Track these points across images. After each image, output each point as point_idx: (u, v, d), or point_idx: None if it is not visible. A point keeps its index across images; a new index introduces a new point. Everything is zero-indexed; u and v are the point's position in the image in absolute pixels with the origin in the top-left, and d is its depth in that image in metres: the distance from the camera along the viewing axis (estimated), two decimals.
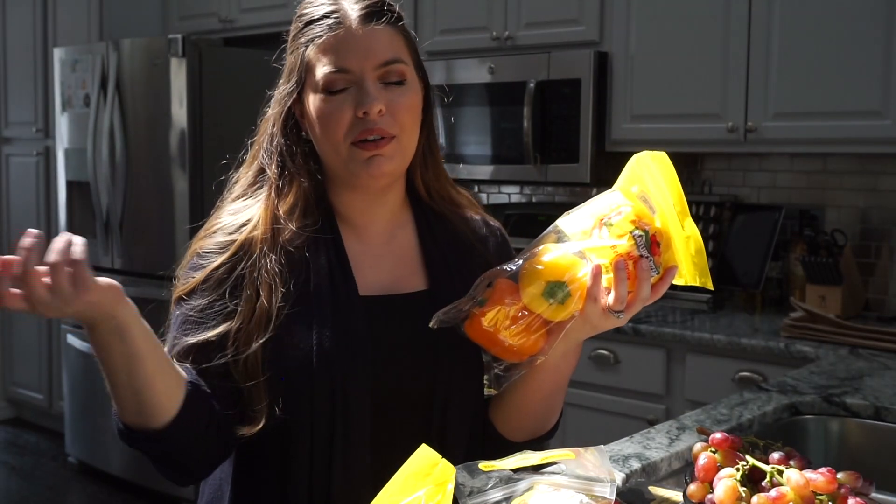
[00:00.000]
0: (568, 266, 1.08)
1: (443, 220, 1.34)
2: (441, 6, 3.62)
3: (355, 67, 1.18)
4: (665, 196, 1.08)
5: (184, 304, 1.22)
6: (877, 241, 3.05)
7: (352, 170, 1.21)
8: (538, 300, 1.07)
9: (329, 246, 1.24)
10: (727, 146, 3.02)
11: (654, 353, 2.83)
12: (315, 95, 1.20)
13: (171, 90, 3.78)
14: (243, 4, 4.23)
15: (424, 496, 0.94)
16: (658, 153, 1.11)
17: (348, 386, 1.18)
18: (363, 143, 1.19)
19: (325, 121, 1.20)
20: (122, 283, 1.08)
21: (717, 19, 2.97)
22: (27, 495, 4.13)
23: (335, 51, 1.19)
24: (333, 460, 1.19)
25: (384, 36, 1.21)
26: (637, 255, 1.07)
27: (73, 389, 4.31)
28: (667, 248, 1.08)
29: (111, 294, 1.02)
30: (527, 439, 1.32)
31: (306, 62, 1.21)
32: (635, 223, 1.08)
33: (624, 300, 1.08)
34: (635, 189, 1.10)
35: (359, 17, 1.20)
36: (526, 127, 3.28)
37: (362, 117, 1.18)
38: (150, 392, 1.09)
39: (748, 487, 1.07)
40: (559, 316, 1.08)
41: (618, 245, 1.07)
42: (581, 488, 1.02)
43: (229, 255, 1.21)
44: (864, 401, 1.92)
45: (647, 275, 1.07)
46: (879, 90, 2.69)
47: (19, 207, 4.96)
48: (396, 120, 1.20)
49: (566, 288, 1.07)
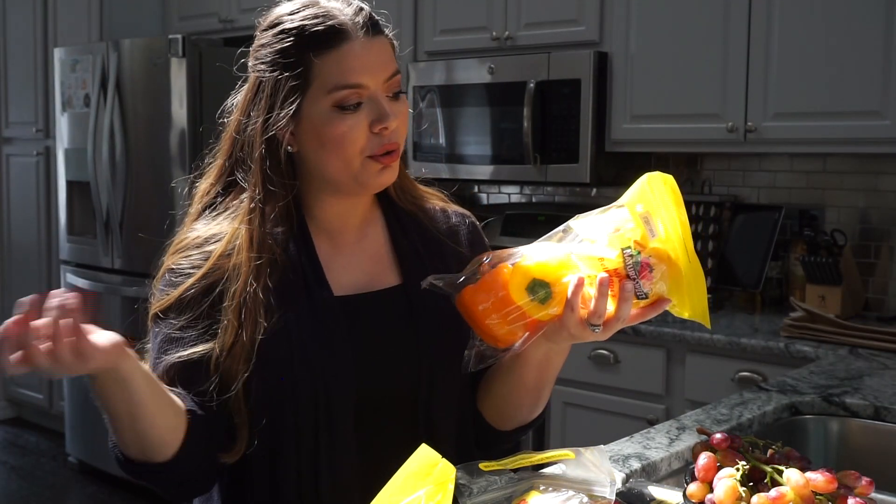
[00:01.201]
0: (557, 268, 1.07)
1: (411, 216, 1.34)
2: (441, 6, 3.62)
3: (369, 83, 1.17)
4: (674, 223, 1.07)
5: (161, 321, 1.21)
6: (876, 241, 3.05)
7: (361, 181, 1.20)
8: (520, 292, 1.08)
9: (301, 251, 1.23)
10: (727, 146, 3.02)
11: (654, 353, 2.83)
12: (321, 113, 1.17)
13: (171, 90, 3.78)
14: (243, 4, 4.23)
15: (424, 496, 0.94)
16: (667, 176, 1.10)
17: (331, 388, 1.18)
18: (378, 157, 1.19)
19: (337, 138, 1.17)
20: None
21: (717, 19, 2.97)
22: (27, 495, 4.13)
23: (345, 67, 1.15)
24: (320, 462, 1.19)
25: (386, 47, 1.20)
26: (624, 274, 1.07)
27: (73, 389, 4.31)
28: (663, 275, 1.07)
29: (114, 355, 1.02)
30: (514, 428, 1.33)
31: (311, 77, 1.16)
32: (631, 241, 1.07)
33: (601, 316, 1.07)
34: (640, 208, 1.09)
35: (364, 31, 1.17)
36: (526, 127, 3.28)
37: (378, 133, 1.17)
38: (152, 431, 1.10)
39: (748, 487, 1.07)
40: (537, 313, 1.08)
41: (606, 259, 1.07)
42: (581, 488, 1.02)
43: (205, 273, 1.19)
44: (863, 401, 1.92)
45: (630, 296, 1.07)
46: (879, 90, 2.69)
47: (19, 207, 4.96)
48: (401, 132, 1.21)
49: (549, 288, 1.07)
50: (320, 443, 1.19)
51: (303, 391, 1.18)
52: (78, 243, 4.30)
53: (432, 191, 1.39)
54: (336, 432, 1.19)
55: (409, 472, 0.97)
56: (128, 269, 3.99)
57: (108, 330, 1.03)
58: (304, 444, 1.19)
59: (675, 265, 1.07)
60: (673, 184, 1.10)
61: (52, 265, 4.73)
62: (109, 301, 4.08)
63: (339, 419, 1.19)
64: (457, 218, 1.39)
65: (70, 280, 4.29)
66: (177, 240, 1.26)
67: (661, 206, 1.08)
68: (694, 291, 1.08)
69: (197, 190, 1.30)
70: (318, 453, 1.19)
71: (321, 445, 1.19)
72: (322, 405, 1.18)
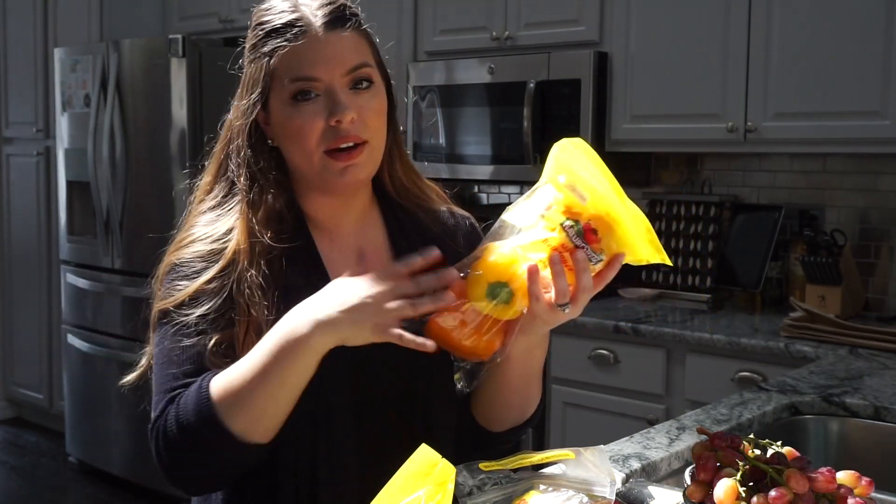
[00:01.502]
0: (507, 265, 1.07)
1: (411, 215, 1.34)
2: (441, 6, 3.62)
3: (324, 75, 1.18)
4: (600, 180, 1.06)
5: (175, 315, 1.20)
6: (876, 241, 3.05)
7: (325, 179, 1.21)
8: (483, 301, 1.07)
9: (303, 252, 1.24)
10: (727, 146, 3.02)
11: (654, 353, 2.83)
12: (283, 105, 1.19)
13: (171, 90, 3.78)
14: (243, 4, 4.23)
15: (424, 496, 0.94)
16: (577, 139, 1.10)
17: (329, 388, 1.18)
18: (336, 154, 1.19)
19: (295, 131, 1.19)
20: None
21: (717, 19, 2.97)
22: (27, 495, 4.13)
23: (302, 60, 1.18)
24: (318, 464, 1.19)
25: (349, 41, 1.21)
26: (572, 246, 1.06)
27: (73, 389, 4.31)
28: (608, 232, 1.06)
29: None
30: (508, 428, 1.32)
31: (271, 71, 1.19)
32: (566, 213, 1.07)
33: (565, 293, 1.07)
34: (562, 178, 1.08)
35: (323, 25, 1.19)
36: (526, 127, 3.28)
37: (335, 126, 1.18)
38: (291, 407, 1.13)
39: (748, 487, 1.07)
40: (506, 315, 1.08)
41: (549, 238, 1.06)
42: (581, 488, 1.02)
43: (220, 266, 1.20)
44: (863, 401, 1.92)
45: (586, 265, 1.06)
46: (879, 90, 2.69)
47: (19, 207, 4.96)
48: (368, 125, 1.20)
49: (507, 287, 1.07)
50: (318, 443, 1.19)
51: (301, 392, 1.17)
52: (78, 243, 4.30)
53: (433, 186, 1.39)
54: (334, 433, 1.19)
55: (408, 473, 0.97)
56: (128, 269, 3.99)
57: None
58: (301, 445, 1.18)
59: (615, 219, 1.06)
60: (582, 143, 1.09)
61: (52, 265, 4.74)
62: (109, 301, 4.08)
63: (336, 420, 1.19)
64: (457, 218, 1.39)
65: (70, 280, 4.29)
66: (180, 237, 1.27)
67: (580, 168, 1.07)
68: (641, 235, 1.07)
69: (198, 186, 1.31)
70: (317, 454, 1.19)
71: (319, 446, 1.19)
72: (320, 406, 1.18)
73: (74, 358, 4.27)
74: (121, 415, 4.02)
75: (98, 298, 4.15)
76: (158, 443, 1.15)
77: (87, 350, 4.17)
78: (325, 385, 1.18)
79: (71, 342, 4.28)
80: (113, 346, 4.04)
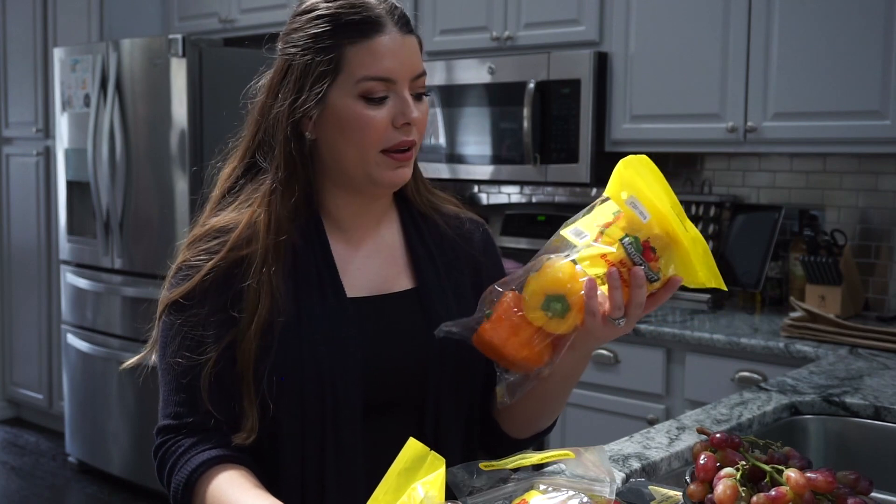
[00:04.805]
0: (566, 279, 1.07)
1: (427, 219, 1.34)
2: (441, 6, 3.62)
3: (398, 77, 1.18)
4: (662, 200, 1.07)
5: (178, 312, 1.20)
6: (876, 241, 3.05)
7: (374, 176, 1.20)
8: (538, 313, 1.07)
9: (316, 249, 1.23)
10: (727, 146, 3.02)
11: (654, 353, 2.83)
12: (347, 99, 1.18)
13: (171, 90, 3.78)
14: (243, 4, 4.23)
15: (420, 488, 0.94)
16: (642, 157, 1.10)
17: (339, 390, 1.18)
18: (392, 153, 1.19)
19: (360, 127, 1.17)
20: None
21: (717, 19, 2.97)
22: (27, 495, 4.13)
23: (380, 58, 1.17)
24: (325, 465, 1.18)
25: (416, 47, 1.22)
26: (630, 263, 1.06)
27: (73, 389, 4.31)
28: (666, 252, 1.07)
29: None
30: (531, 435, 1.33)
31: (342, 64, 1.17)
32: (625, 230, 1.07)
33: (620, 307, 1.07)
34: (624, 195, 1.09)
35: (398, 27, 1.19)
36: (526, 127, 3.28)
37: (401, 128, 1.18)
38: None
39: (748, 487, 1.07)
40: (560, 329, 1.08)
41: (609, 255, 1.07)
42: (581, 488, 1.02)
43: (226, 258, 1.19)
44: (863, 401, 1.92)
45: (642, 282, 1.07)
46: (879, 90, 2.69)
47: (19, 207, 4.96)
48: (419, 130, 1.22)
49: (565, 301, 1.07)
50: (326, 444, 1.18)
51: (310, 391, 1.17)
52: (78, 243, 4.30)
53: (446, 195, 1.40)
54: (343, 434, 1.19)
55: (400, 469, 0.97)
56: (128, 269, 3.99)
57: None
58: (309, 447, 1.18)
59: (675, 239, 1.06)
60: (648, 162, 1.10)
61: (52, 265, 4.73)
62: (109, 301, 4.08)
63: (346, 421, 1.19)
64: (470, 224, 1.39)
65: (70, 280, 4.29)
66: (194, 231, 1.26)
67: (643, 187, 1.08)
68: (700, 258, 1.08)
69: (220, 175, 1.29)
70: (325, 455, 1.18)
71: (327, 447, 1.18)
72: (329, 406, 1.18)
73: (74, 358, 4.27)
74: (121, 415, 4.02)
75: (98, 298, 4.15)
76: (156, 469, 1.20)
77: (86, 350, 4.17)
78: (336, 388, 1.18)
79: (71, 342, 4.28)
80: (113, 347, 4.04)
